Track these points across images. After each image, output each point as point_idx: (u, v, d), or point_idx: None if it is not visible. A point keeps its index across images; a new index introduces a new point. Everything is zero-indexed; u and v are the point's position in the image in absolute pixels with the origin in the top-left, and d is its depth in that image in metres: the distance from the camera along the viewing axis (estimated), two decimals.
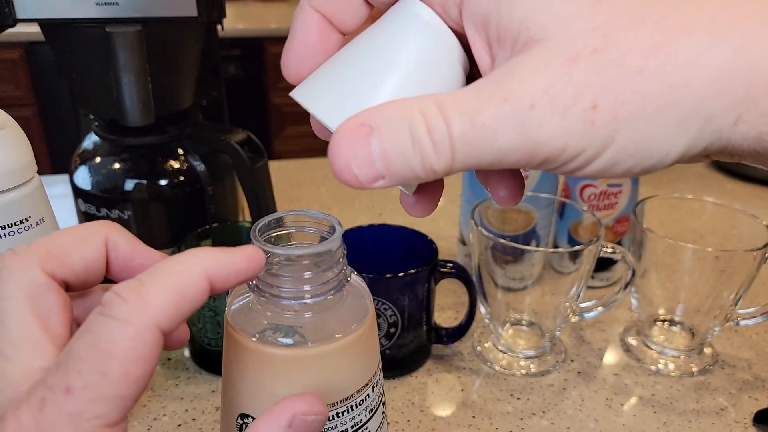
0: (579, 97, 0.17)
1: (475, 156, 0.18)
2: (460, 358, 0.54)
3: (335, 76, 0.20)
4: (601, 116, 0.17)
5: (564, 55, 0.18)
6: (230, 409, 0.26)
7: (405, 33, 0.20)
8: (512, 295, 0.52)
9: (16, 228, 0.34)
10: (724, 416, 0.49)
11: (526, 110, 0.17)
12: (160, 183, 0.56)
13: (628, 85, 0.17)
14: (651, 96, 0.17)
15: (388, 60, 0.20)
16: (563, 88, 0.17)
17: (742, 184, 0.94)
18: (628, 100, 0.17)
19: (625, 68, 0.17)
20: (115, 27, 0.49)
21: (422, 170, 0.18)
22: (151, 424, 0.46)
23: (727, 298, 0.51)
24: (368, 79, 0.20)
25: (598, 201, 0.61)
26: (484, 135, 0.18)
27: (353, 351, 0.24)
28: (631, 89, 0.17)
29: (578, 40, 0.18)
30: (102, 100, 0.55)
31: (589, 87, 0.17)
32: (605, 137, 0.18)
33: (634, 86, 0.17)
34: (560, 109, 0.17)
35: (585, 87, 0.17)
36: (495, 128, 0.18)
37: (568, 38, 0.18)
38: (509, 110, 0.18)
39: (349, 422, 0.25)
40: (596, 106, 0.17)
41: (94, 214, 0.56)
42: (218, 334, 0.49)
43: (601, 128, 0.18)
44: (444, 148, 0.18)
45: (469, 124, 0.18)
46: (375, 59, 0.20)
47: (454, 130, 0.18)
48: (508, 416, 0.48)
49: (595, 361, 0.55)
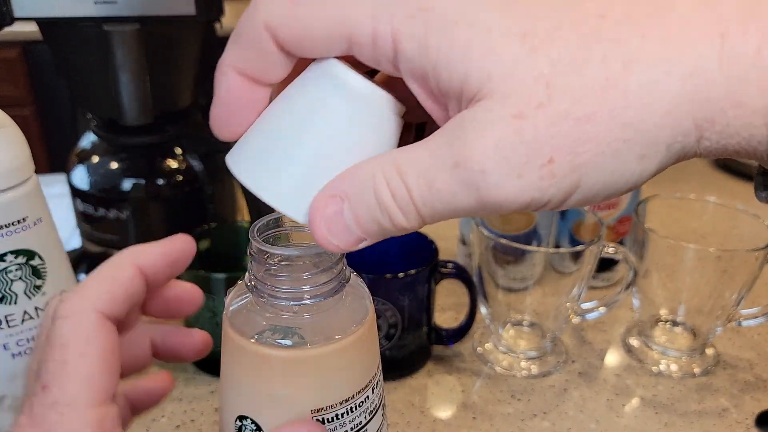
0: (532, 155, 0.17)
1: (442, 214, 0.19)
2: (460, 359, 0.54)
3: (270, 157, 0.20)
4: (560, 168, 0.17)
5: (509, 112, 0.17)
6: (229, 410, 0.26)
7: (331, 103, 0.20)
8: (513, 295, 0.52)
9: (14, 228, 0.33)
10: (725, 417, 0.49)
11: (479, 174, 0.17)
12: (158, 182, 0.56)
13: (581, 134, 0.17)
14: (606, 139, 0.17)
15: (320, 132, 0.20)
16: (514, 149, 0.17)
17: (744, 183, 0.93)
18: (584, 148, 0.17)
19: (575, 118, 0.17)
20: (114, 26, 0.49)
21: (395, 229, 0.19)
22: (150, 425, 0.46)
23: (729, 298, 0.51)
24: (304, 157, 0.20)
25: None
26: (442, 198, 0.18)
27: (353, 352, 0.24)
28: (585, 137, 0.17)
29: (521, 94, 0.17)
30: (100, 99, 0.55)
31: (540, 143, 0.17)
32: (569, 186, 0.17)
33: (587, 134, 0.17)
34: (515, 169, 0.17)
35: (536, 143, 0.17)
36: (452, 192, 0.18)
37: (511, 92, 0.17)
38: (462, 175, 0.17)
39: (349, 424, 0.25)
40: (552, 160, 0.17)
41: (91, 213, 0.56)
42: (216, 335, 0.49)
43: (563, 179, 0.17)
44: (409, 210, 0.19)
45: (427, 188, 0.18)
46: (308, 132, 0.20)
47: (415, 195, 0.18)
48: (509, 417, 0.48)
49: (597, 361, 0.55)
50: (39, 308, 0.35)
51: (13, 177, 0.33)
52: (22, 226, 0.34)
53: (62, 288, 0.37)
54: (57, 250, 0.37)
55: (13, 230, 0.33)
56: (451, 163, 0.17)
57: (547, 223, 0.58)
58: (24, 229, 0.34)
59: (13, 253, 0.34)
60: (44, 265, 0.35)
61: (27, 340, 0.35)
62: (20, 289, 0.34)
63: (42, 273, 0.35)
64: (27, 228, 0.34)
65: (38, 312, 0.35)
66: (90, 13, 0.48)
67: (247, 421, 0.25)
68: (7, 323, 0.34)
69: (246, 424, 0.25)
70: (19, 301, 0.34)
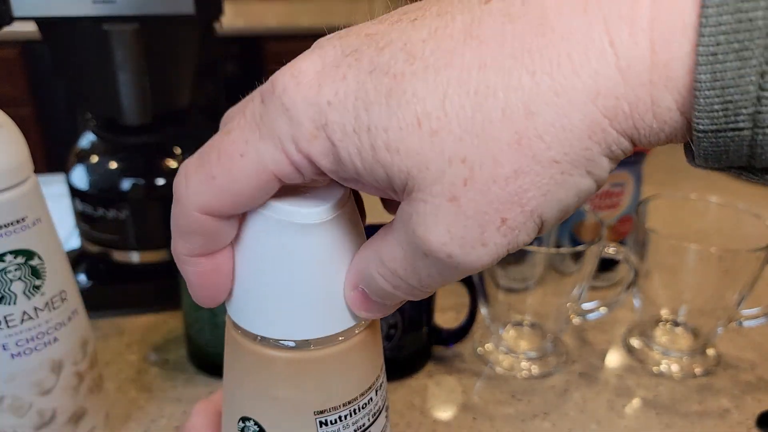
0: (484, 224, 0.17)
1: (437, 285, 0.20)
2: (460, 359, 0.54)
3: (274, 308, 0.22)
4: (515, 222, 0.17)
5: (443, 198, 0.17)
6: (231, 412, 0.25)
7: (294, 246, 0.21)
8: (514, 295, 0.52)
9: (13, 228, 0.33)
10: (727, 418, 0.49)
11: (447, 259, 0.18)
12: (157, 182, 0.56)
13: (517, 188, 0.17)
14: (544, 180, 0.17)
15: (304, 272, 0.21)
16: (465, 227, 0.17)
17: (745, 183, 0.93)
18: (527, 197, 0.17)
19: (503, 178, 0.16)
20: (113, 25, 0.48)
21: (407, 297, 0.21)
22: (149, 426, 0.46)
23: (730, 298, 0.50)
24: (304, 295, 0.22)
25: (600, 201, 0.61)
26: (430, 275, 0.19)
27: (356, 354, 0.24)
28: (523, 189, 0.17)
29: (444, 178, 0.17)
30: (99, 99, 0.55)
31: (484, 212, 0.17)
32: (532, 229, 0.18)
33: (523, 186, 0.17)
34: (477, 242, 0.17)
35: (481, 214, 0.17)
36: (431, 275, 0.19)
37: (434, 180, 0.17)
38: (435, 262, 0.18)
39: (352, 426, 0.25)
40: (505, 219, 0.17)
41: (90, 213, 0.56)
42: (216, 335, 0.49)
43: (524, 226, 0.17)
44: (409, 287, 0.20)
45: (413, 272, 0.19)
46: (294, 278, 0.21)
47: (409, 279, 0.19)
48: (510, 418, 0.48)
49: (598, 362, 0.55)
50: (38, 308, 0.35)
51: (11, 177, 0.33)
52: (21, 226, 0.34)
53: (61, 288, 0.37)
54: (56, 250, 0.36)
55: (12, 230, 0.33)
56: (421, 254, 0.18)
57: None
58: (23, 229, 0.34)
59: (12, 253, 0.33)
60: (43, 265, 0.35)
61: (26, 340, 0.35)
62: (19, 290, 0.34)
63: (41, 273, 0.35)
64: (26, 228, 0.34)
65: (37, 312, 0.35)
66: (89, 12, 0.48)
67: (250, 422, 0.24)
68: (6, 323, 0.34)
69: (249, 425, 0.24)
70: (18, 302, 0.34)
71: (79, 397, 0.39)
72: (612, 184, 0.60)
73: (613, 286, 0.64)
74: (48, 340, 0.36)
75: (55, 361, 0.37)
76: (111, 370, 0.51)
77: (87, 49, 0.52)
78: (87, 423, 0.40)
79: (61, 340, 0.37)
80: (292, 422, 0.24)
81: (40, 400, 0.37)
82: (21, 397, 0.36)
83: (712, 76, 0.15)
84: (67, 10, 0.48)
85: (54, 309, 0.36)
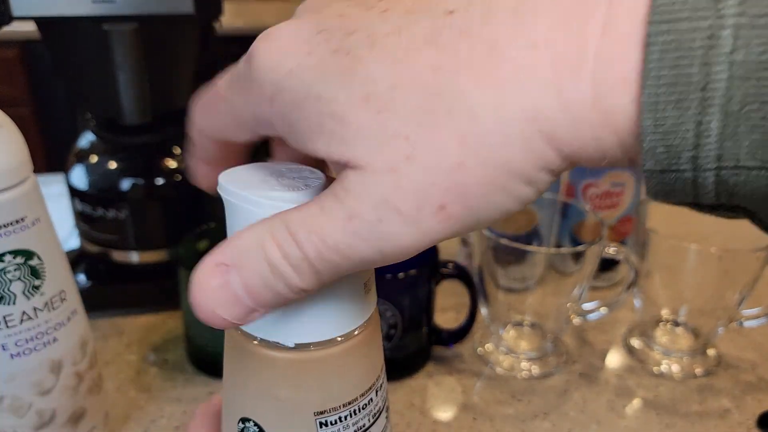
0: (422, 203, 0.17)
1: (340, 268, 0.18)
2: (460, 359, 0.54)
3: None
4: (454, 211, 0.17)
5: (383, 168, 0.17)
6: (231, 412, 0.25)
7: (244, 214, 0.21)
8: (514, 296, 0.52)
9: (12, 228, 0.33)
10: (727, 418, 0.48)
11: (376, 225, 0.17)
12: (157, 182, 0.56)
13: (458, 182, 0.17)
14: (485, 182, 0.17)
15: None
16: (403, 200, 0.17)
17: None
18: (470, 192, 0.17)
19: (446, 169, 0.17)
20: (112, 25, 0.48)
21: (291, 293, 0.19)
22: (149, 426, 0.46)
23: (730, 298, 0.50)
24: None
25: (601, 201, 0.61)
26: (340, 251, 0.18)
27: (356, 355, 0.24)
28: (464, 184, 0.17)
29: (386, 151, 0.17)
30: (98, 99, 0.55)
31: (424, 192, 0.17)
32: (473, 222, 0.18)
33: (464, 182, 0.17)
34: (411, 218, 0.17)
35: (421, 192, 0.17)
36: (348, 244, 0.17)
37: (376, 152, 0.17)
38: (357, 227, 0.17)
39: (352, 427, 0.25)
40: (444, 205, 0.17)
41: (90, 213, 0.56)
42: (216, 335, 0.49)
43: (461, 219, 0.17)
44: (304, 269, 0.18)
45: (322, 244, 0.18)
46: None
47: (309, 252, 0.18)
48: (510, 418, 0.48)
49: (598, 362, 0.54)
50: (38, 308, 0.35)
51: (11, 177, 0.33)
52: (21, 226, 0.34)
53: (61, 288, 0.37)
54: (55, 250, 0.36)
55: (12, 230, 0.33)
56: (345, 217, 0.17)
57: (548, 223, 0.58)
58: (22, 229, 0.34)
59: (11, 253, 0.33)
60: (43, 265, 0.35)
61: (26, 340, 0.35)
62: (19, 290, 0.34)
63: (40, 273, 0.35)
64: (25, 228, 0.34)
65: (37, 312, 0.35)
66: (88, 12, 0.48)
67: (250, 423, 0.24)
68: (6, 324, 0.34)
69: (248, 426, 0.24)
70: (18, 302, 0.34)
71: (79, 397, 0.39)
72: (612, 184, 0.60)
73: (613, 287, 0.64)
74: (47, 340, 0.36)
75: (54, 362, 0.37)
76: (110, 370, 0.51)
77: (86, 49, 0.51)
78: (86, 423, 0.40)
79: (60, 341, 0.37)
80: (292, 423, 0.24)
81: (39, 400, 0.37)
82: (20, 398, 0.36)
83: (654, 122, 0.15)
84: (67, 9, 0.48)
85: (53, 309, 0.36)
